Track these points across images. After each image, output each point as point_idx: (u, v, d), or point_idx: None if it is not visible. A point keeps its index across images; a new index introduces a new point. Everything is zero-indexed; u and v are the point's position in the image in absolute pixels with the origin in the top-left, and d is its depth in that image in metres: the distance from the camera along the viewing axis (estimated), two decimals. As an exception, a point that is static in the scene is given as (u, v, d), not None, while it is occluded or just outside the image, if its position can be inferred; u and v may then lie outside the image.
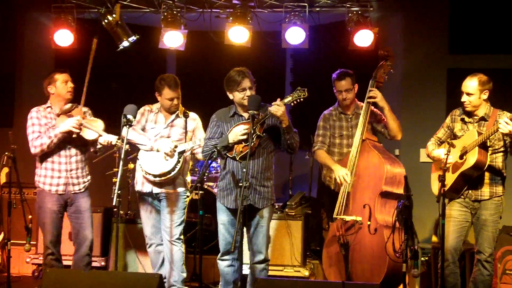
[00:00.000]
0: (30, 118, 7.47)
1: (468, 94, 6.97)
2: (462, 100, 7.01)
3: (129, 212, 9.25)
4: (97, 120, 7.49)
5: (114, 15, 9.39)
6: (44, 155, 7.39)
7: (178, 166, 7.35)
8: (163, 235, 7.46)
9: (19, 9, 10.44)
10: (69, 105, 7.48)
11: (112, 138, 7.22)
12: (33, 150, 7.36)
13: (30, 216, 7.43)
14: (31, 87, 10.62)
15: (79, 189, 7.47)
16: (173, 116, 7.55)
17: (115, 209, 6.54)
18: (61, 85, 7.50)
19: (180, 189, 7.50)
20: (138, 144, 7.46)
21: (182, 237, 7.50)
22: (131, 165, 8.96)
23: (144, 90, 8.33)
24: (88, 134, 7.34)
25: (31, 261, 9.04)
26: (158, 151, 7.34)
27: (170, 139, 7.42)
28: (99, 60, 9.26)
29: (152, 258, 7.65)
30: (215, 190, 7.81)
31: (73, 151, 7.45)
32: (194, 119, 7.64)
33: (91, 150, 7.58)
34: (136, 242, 8.58)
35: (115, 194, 6.38)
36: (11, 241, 7.29)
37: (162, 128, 7.53)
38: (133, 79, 10.65)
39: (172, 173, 7.34)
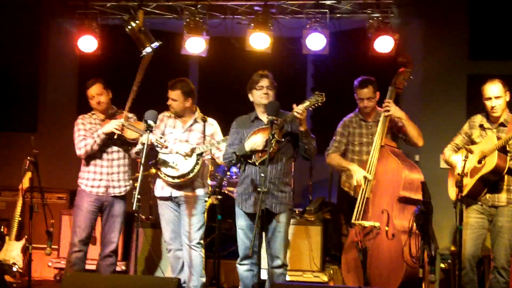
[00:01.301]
0: (76, 124, 7.84)
1: (497, 97, 6.98)
2: (493, 105, 6.99)
3: (150, 216, 9.31)
4: (140, 123, 7.56)
5: (137, 22, 9.44)
6: (88, 158, 7.73)
7: (197, 168, 7.42)
8: (183, 240, 7.51)
9: (44, 15, 10.58)
10: (113, 110, 7.90)
11: (152, 137, 7.30)
12: (78, 152, 7.71)
13: (52, 221, 7.55)
14: (54, 92, 10.79)
15: (119, 192, 7.82)
16: (191, 121, 7.65)
17: (135, 214, 6.62)
18: (90, 101, 7.86)
19: (199, 192, 7.57)
20: (158, 145, 7.51)
21: (202, 241, 7.56)
22: (152, 170, 9.01)
23: (166, 96, 8.37)
24: (129, 134, 7.65)
25: (53, 265, 9.13)
26: (177, 152, 7.43)
27: (189, 144, 7.50)
28: (123, 65, 9.38)
29: (172, 263, 7.70)
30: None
31: (115, 155, 7.80)
32: (212, 124, 7.70)
33: (134, 151, 7.75)
34: (157, 246, 8.67)
35: (135, 199, 6.50)
36: (33, 245, 7.41)
37: (180, 133, 7.61)
38: (155, 85, 10.70)
39: (191, 175, 7.42)
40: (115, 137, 7.64)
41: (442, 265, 8.53)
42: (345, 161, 7.79)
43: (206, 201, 7.57)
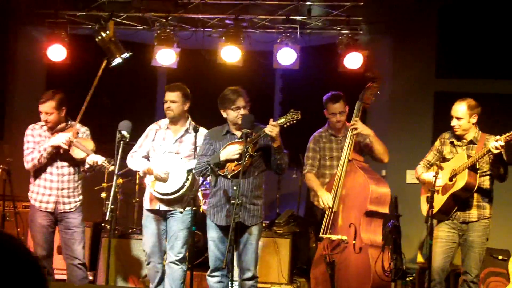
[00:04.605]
0: (26, 135, 7.48)
1: (457, 118, 7.08)
2: (452, 124, 7.12)
3: (117, 227, 9.28)
4: (88, 140, 7.42)
5: (107, 32, 9.44)
6: (38, 172, 7.42)
7: (187, 185, 7.21)
8: (168, 254, 7.32)
9: (13, 23, 10.49)
10: (63, 125, 7.48)
11: (98, 159, 7.16)
12: (26, 165, 7.38)
13: (18, 229, 7.48)
14: (22, 100, 10.68)
15: (70, 208, 7.43)
16: (182, 131, 7.39)
17: (105, 225, 6.59)
18: (40, 114, 7.44)
19: (188, 207, 7.11)
20: (137, 170, 7.44)
21: (186, 256, 7.32)
22: (120, 180, 9.01)
23: (134, 106, 8.36)
24: (76, 153, 7.31)
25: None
26: (163, 174, 7.19)
27: (179, 156, 7.31)
28: (91, 75, 9.32)
29: (150, 274, 7.42)
30: (204, 207, 7.85)
31: (66, 170, 7.43)
32: (203, 134, 7.33)
33: (81, 170, 7.51)
34: (126, 257, 8.64)
35: (108, 209, 6.47)
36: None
37: (171, 144, 7.38)
38: (124, 95, 10.70)
39: (181, 192, 7.20)
40: (61, 151, 7.28)
41: (408, 279, 8.62)
42: (317, 185, 7.79)
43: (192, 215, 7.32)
